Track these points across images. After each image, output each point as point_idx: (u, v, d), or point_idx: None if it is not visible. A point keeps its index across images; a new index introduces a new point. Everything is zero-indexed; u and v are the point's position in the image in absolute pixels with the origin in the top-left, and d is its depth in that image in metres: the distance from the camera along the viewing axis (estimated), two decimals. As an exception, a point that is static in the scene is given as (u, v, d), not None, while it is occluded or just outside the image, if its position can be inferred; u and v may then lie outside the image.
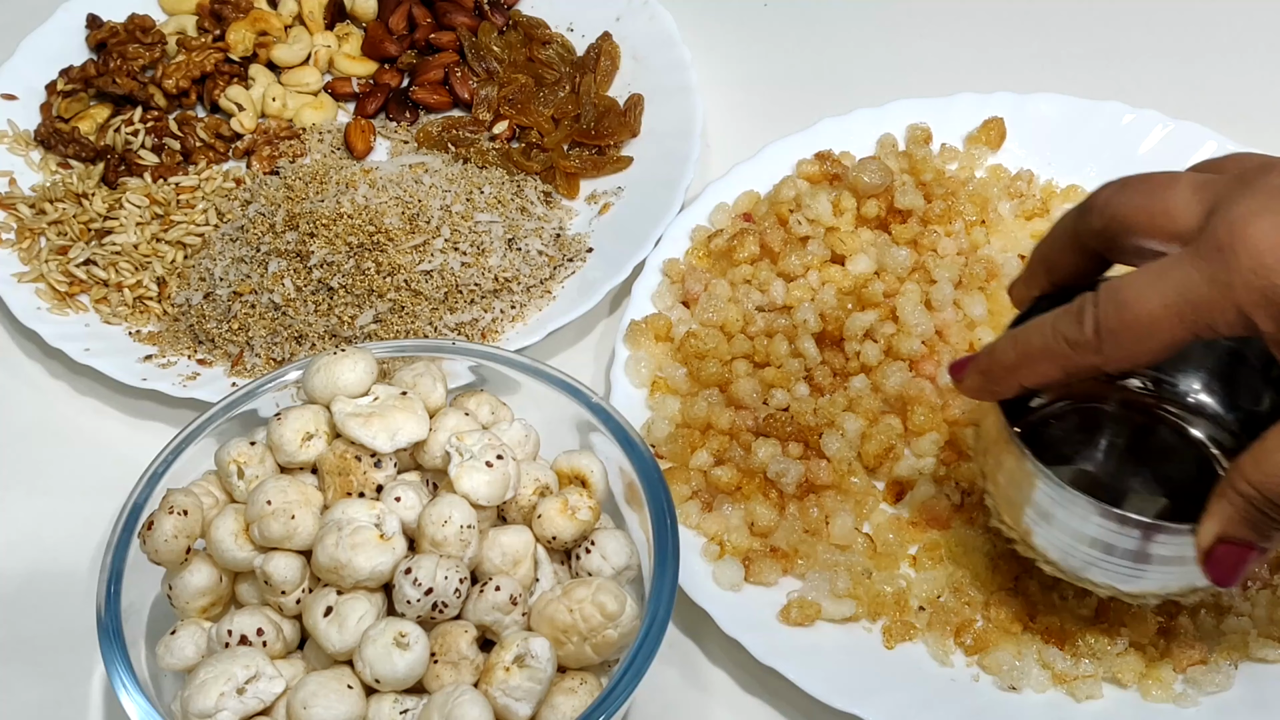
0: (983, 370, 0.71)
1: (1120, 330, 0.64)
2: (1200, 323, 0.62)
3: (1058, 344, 0.66)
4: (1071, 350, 0.66)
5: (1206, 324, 0.62)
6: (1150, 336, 0.63)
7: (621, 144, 1.05)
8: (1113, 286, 0.64)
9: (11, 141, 1.06)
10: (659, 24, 1.09)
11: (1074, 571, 0.73)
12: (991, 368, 0.70)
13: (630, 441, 0.75)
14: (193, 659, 0.70)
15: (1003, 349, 0.70)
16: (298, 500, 0.70)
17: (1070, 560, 0.72)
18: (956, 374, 0.73)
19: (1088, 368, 0.66)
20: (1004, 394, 0.71)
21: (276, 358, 0.93)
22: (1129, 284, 0.64)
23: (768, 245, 0.93)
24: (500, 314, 0.95)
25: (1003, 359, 0.69)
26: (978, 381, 0.71)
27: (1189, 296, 0.62)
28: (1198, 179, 0.65)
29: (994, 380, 0.70)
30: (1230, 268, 0.61)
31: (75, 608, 0.82)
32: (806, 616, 0.78)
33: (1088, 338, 0.65)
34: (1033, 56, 1.11)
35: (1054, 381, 0.68)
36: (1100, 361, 0.65)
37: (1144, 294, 0.63)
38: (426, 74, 1.09)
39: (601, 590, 0.69)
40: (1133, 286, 0.63)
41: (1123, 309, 0.64)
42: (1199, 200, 0.64)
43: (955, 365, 0.73)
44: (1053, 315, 0.67)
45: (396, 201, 0.94)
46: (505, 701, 0.66)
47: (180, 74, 1.08)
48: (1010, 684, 0.76)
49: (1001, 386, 0.70)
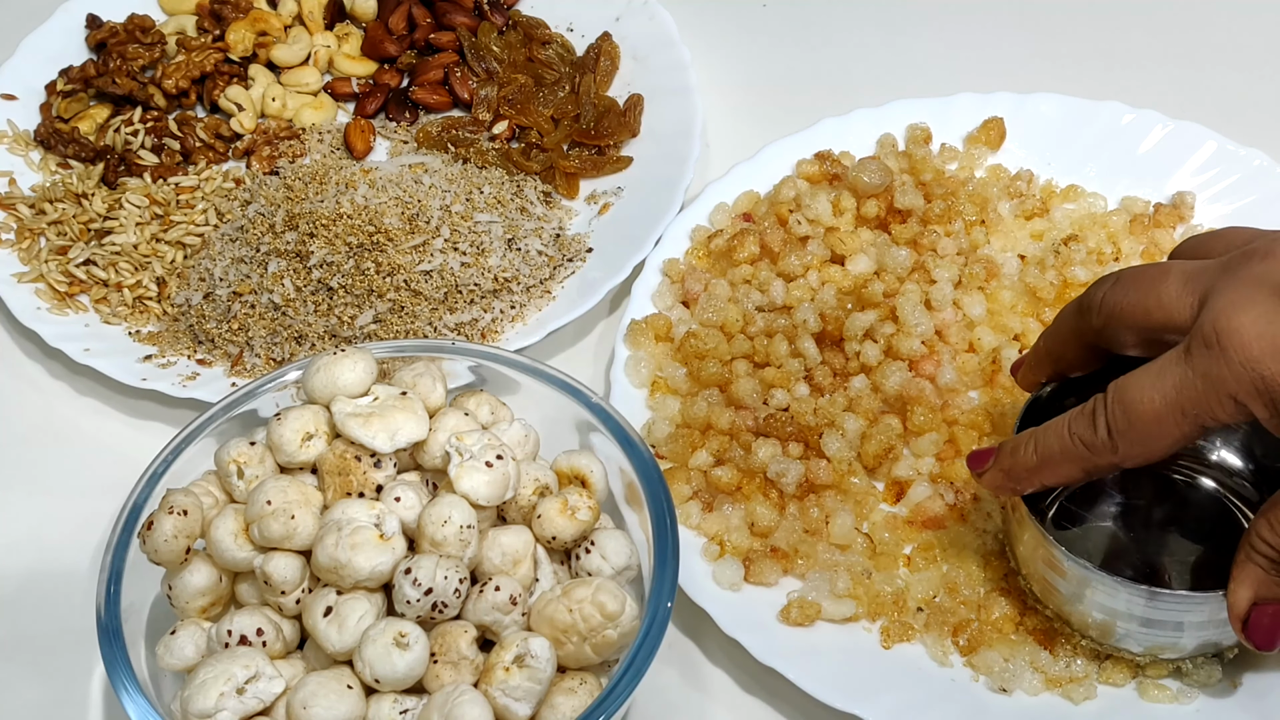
0: (1005, 470, 0.73)
1: (1129, 431, 0.67)
2: (1202, 416, 0.65)
3: (1076, 446, 0.69)
4: (1089, 452, 0.69)
5: (1209, 416, 0.65)
6: (1159, 434, 0.66)
7: (621, 144, 1.05)
8: (1119, 387, 0.67)
9: (11, 141, 1.06)
10: (659, 24, 1.09)
11: (1113, 644, 0.75)
12: (1013, 468, 0.73)
13: (630, 441, 0.75)
14: (192, 659, 0.70)
15: (1024, 451, 0.72)
16: (297, 500, 0.70)
17: (1108, 635, 0.75)
18: (976, 467, 0.75)
19: (1106, 466, 0.69)
20: (1025, 491, 0.73)
21: (276, 358, 0.93)
22: (1133, 385, 0.67)
23: (768, 245, 0.93)
24: (500, 314, 0.95)
25: (1024, 461, 0.72)
26: (999, 479, 0.74)
27: (1187, 394, 0.65)
28: (1187, 269, 0.67)
29: (1016, 480, 0.73)
30: (1220, 362, 0.64)
31: (75, 608, 0.82)
32: (806, 616, 0.78)
33: (1102, 440, 0.68)
34: (1032, 56, 1.11)
35: (1075, 480, 0.72)
36: (1118, 460, 0.68)
37: (1147, 394, 0.66)
38: (426, 74, 1.09)
39: (601, 590, 0.69)
40: (1136, 387, 0.67)
41: (1129, 410, 0.67)
42: (1189, 291, 0.66)
43: (974, 458, 0.75)
44: (1068, 417, 0.70)
45: (396, 202, 0.94)
46: (505, 701, 0.66)
47: (180, 74, 1.08)
48: (1001, 685, 0.76)
49: (1023, 486, 0.73)
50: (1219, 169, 0.97)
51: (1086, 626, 0.75)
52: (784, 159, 1.00)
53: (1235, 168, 0.96)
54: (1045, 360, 0.76)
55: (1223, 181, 0.96)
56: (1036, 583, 0.77)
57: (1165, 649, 0.75)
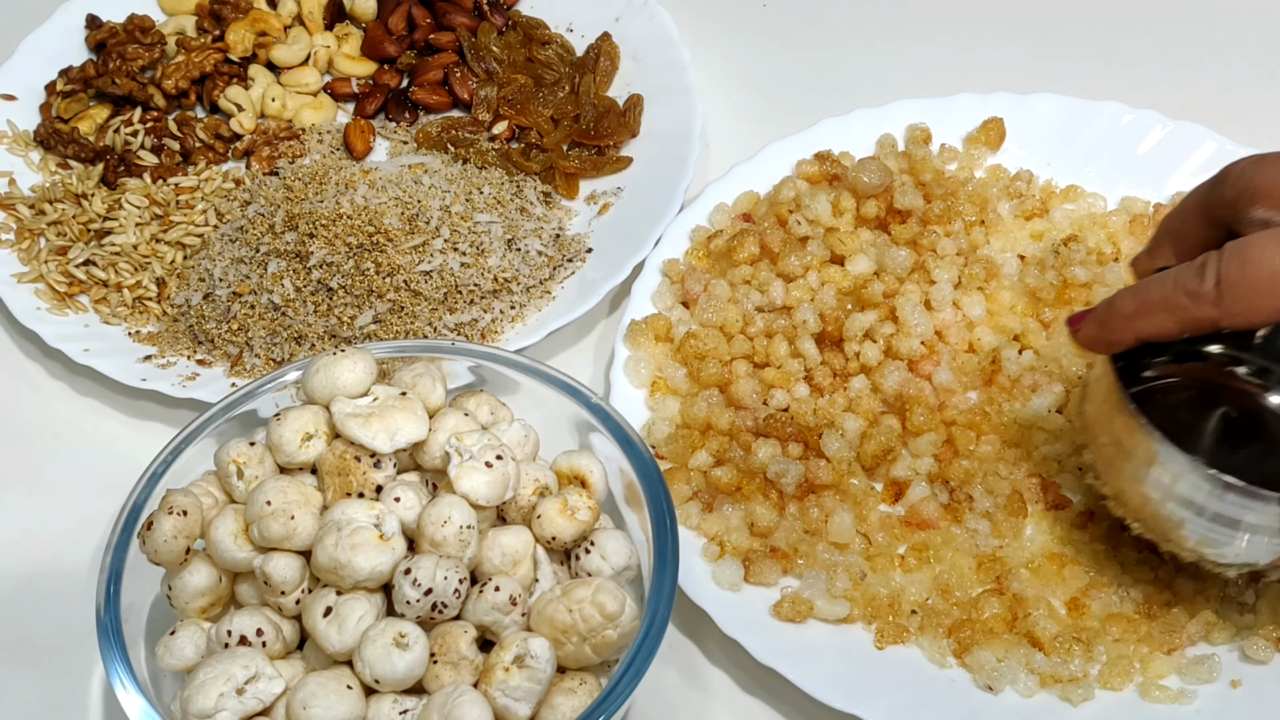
0: (1100, 320, 0.72)
1: (1241, 284, 0.66)
2: None
3: (1177, 296, 0.68)
4: (1190, 302, 0.68)
5: None
6: (1269, 294, 0.65)
7: (621, 144, 1.05)
8: (1239, 244, 0.66)
9: (11, 142, 1.06)
10: (658, 24, 1.09)
11: (1164, 531, 0.74)
12: (1109, 317, 0.72)
13: (630, 442, 0.75)
14: (192, 659, 0.70)
15: (1122, 299, 0.71)
16: (297, 501, 0.70)
17: (1161, 519, 0.73)
18: (1074, 325, 0.74)
19: (1205, 321, 0.68)
20: (1119, 345, 0.72)
21: (276, 358, 0.93)
22: (1255, 242, 0.66)
23: (767, 246, 0.93)
24: (500, 314, 0.95)
25: (1122, 309, 0.71)
26: (1094, 330, 0.73)
27: None
28: None
29: (1110, 330, 0.72)
30: None
31: (75, 608, 0.82)
32: (798, 612, 0.78)
33: (1208, 290, 0.67)
34: (1032, 57, 1.12)
35: (1170, 334, 0.70)
36: (1217, 315, 0.67)
37: (1269, 252, 0.65)
38: (426, 74, 1.09)
39: (601, 590, 0.69)
40: (1258, 244, 0.66)
41: (1246, 265, 0.66)
42: None
43: (1073, 318, 0.75)
44: (1175, 270, 0.69)
45: (396, 202, 0.94)
46: (505, 702, 0.66)
47: (180, 74, 1.08)
48: (987, 684, 0.76)
49: (1117, 336, 0.72)
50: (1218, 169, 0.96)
51: (1143, 508, 0.74)
52: (784, 159, 1.00)
53: (1235, 168, 0.96)
54: (1164, 240, 0.75)
55: (1222, 182, 0.96)
56: (1102, 455, 0.75)
57: (1216, 548, 0.73)
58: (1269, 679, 0.76)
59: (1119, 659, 0.77)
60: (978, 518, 0.82)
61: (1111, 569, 0.81)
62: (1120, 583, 0.80)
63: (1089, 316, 0.74)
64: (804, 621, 0.79)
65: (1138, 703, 0.76)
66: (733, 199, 0.98)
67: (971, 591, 0.80)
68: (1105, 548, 0.81)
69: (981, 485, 0.83)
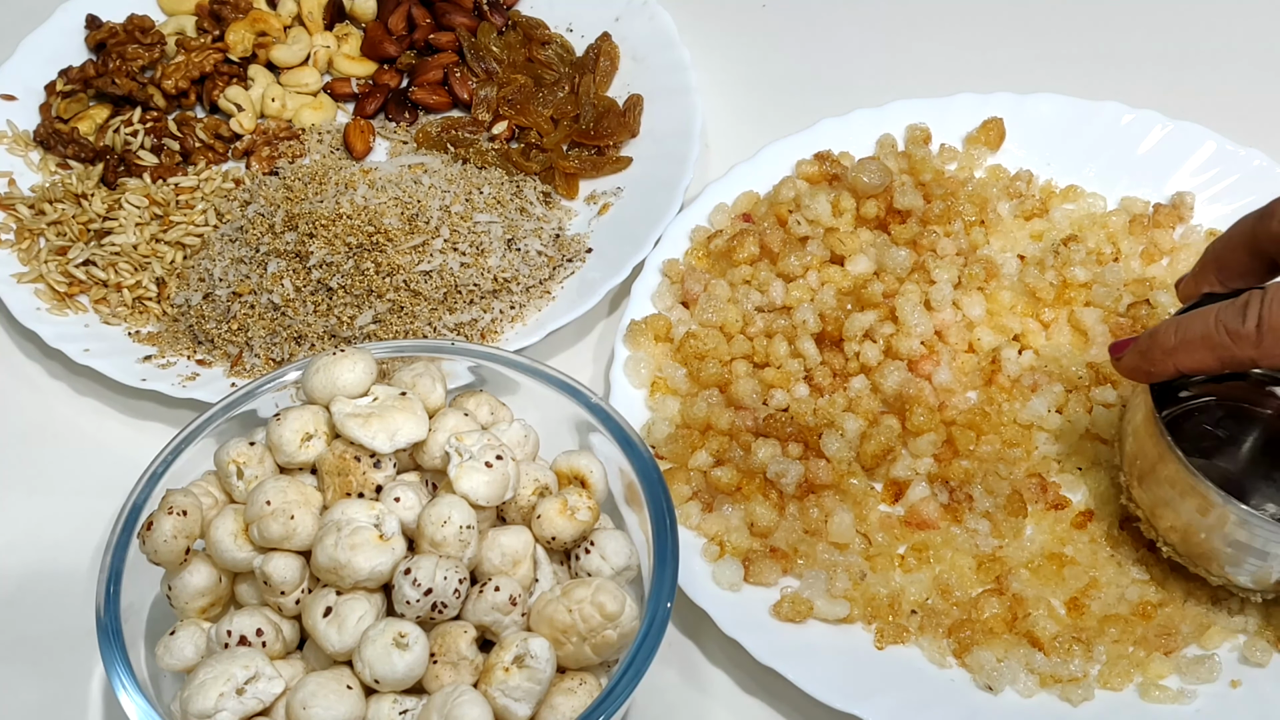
0: (1142, 351, 0.74)
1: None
2: None
3: (1219, 333, 0.70)
4: (1231, 341, 0.69)
5: None
6: None
7: (621, 144, 1.05)
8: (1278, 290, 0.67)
9: (11, 142, 1.06)
10: (658, 24, 1.09)
11: (1193, 557, 0.76)
12: (1151, 349, 0.73)
13: (630, 442, 0.75)
14: (192, 659, 0.70)
15: (1164, 332, 0.73)
16: (297, 501, 0.70)
17: (1192, 545, 0.75)
18: (1116, 353, 0.76)
19: (1244, 360, 0.69)
20: (1159, 376, 0.74)
21: (276, 358, 0.93)
22: None
23: (767, 246, 0.93)
24: (499, 314, 0.95)
25: (1163, 342, 0.73)
26: (1135, 361, 0.75)
27: None
28: None
29: (1151, 361, 0.74)
30: None
31: (75, 608, 0.82)
32: (798, 612, 0.78)
33: (1249, 331, 0.68)
34: (1032, 57, 1.11)
35: (1208, 370, 0.72)
36: (1257, 356, 0.69)
37: None
38: (426, 74, 1.09)
39: (601, 591, 0.69)
40: None
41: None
42: None
43: (1115, 345, 0.77)
44: (1217, 306, 0.70)
45: (395, 202, 0.94)
46: (505, 702, 0.66)
47: (179, 74, 1.08)
48: (987, 684, 0.76)
49: (1158, 368, 0.73)
50: (1218, 169, 0.97)
51: (1172, 532, 0.76)
52: (783, 159, 1.00)
53: (1234, 168, 0.96)
54: (1210, 267, 0.76)
55: (1222, 182, 0.96)
56: (1136, 477, 0.77)
57: (1247, 575, 0.75)
58: (1268, 679, 0.76)
59: (1118, 659, 0.77)
60: (977, 518, 0.82)
61: (1110, 569, 0.81)
62: (1118, 584, 0.80)
63: (1131, 346, 0.75)
64: (804, 621, 0.79)
65: (1137, 703, 0.76)
66: (732, 199, 0.98)
67: (971, 591, 0.80)
68: (1104, 548, 0.82)
69: (981, 485, 0.83)
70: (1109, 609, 0.79)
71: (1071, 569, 0.81)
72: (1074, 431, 0.86)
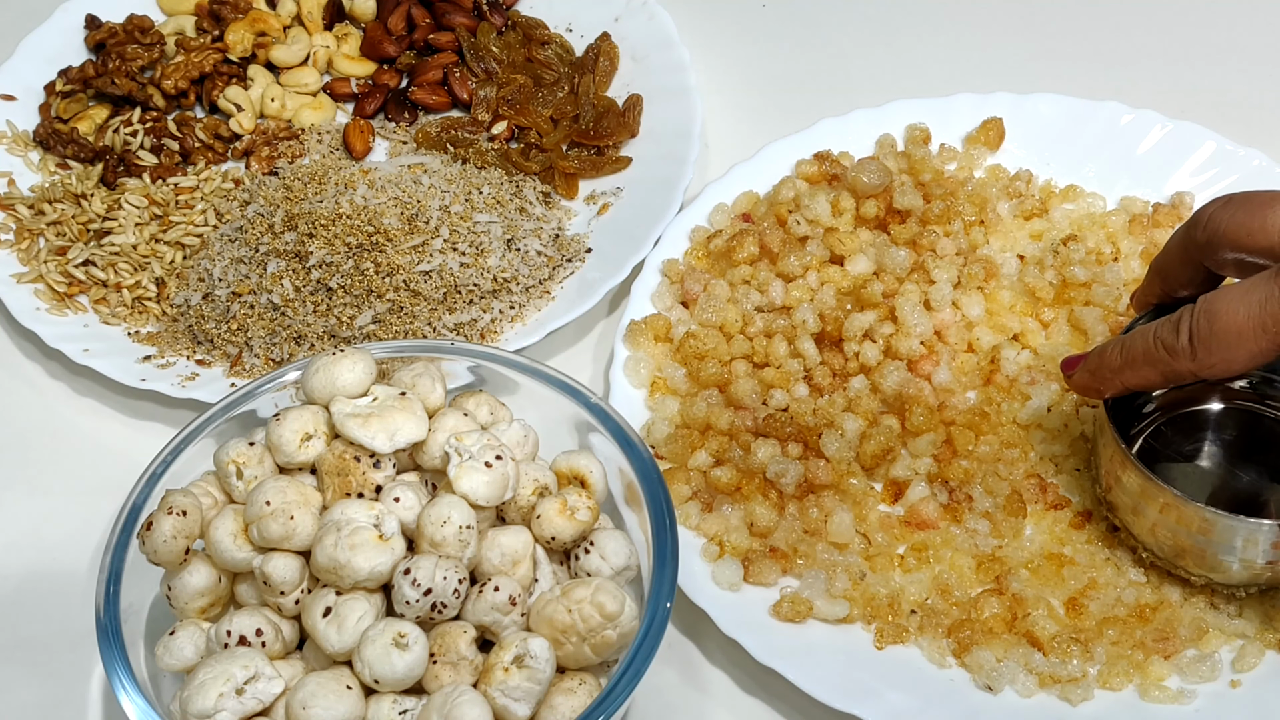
0: (1091, 370, 0.78)
1: (1210, 340, 0.70)
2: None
3: (1157, 350, 0.73)
4: (1169, 356, 0.73)
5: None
6: (1237, 346, 0.70)
7: (620, 144, 1.05)
8: (1207, 299, 0.71)
9: (10, 142, 1.06)
10: (658, 24, 1.09)
11: (1169, 558, 0.79)
12: (1099, 369, 0.77)
13: (629, 442, 0.75)
14: (192, 660, 0.70)
15: (1110, 352, 0.76)
16: (296, 501, 0.70)
17: (1165, 549, 0.78)
18: (1067, 370, 0.80)
19: (1184, 374, 0.73)
20: (1108, 393, 0.77)
21: (275, 358, 0.93)
22: (1220, 298, 0.70)
23: (767, 246, 0.93)
24: (499, 314, 0.95)
25: (1110, 362, 0.76)
26: (1085, 380, 0.78)
27: (1270, 310, 0.68)
28: None
29: (1100, 380, 0.77)
30: None
31: (74, 608, 0.82)
32: (797, 613, 0.78)
33: (1183, 346, 0.72)
34: (1031, 57, 1.11)
35: (1154, 385, 0.76)
36: (1195, 368, 0.72)
37: (1232, 307, 0.69)
38: (425, 74, 1.09)
39: (600, 591, 0.69)
40: (1223, 300, 0.70)
41: (1213, 320, 0.70)
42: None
43: (1067, 362, 0.80)
44: (1155, 324, 0.74)
45: (395, 202, 0.94)
46: (504, 702, 0.66)
47: (179, 74, 1.08)
48: (987, 684, 0.76)
49: (1106, 386, 0.77)
50: (1218, 169, 0.97)
51: (1147, 538, 0.79)
52: (783, 159, 1.00)
53: (1234, 168, 0.96)
54: (1155, 278, 0.79)
55: (1222, 181, 0.96)
56: (1111, 494, 0.80)
57: (1219, 571, 0.77)
58: (1268, 679, 0.76)
59: (1117, 659, 0.77)
60: (977, 517, 0.82)
61: (1108, 570, 0.81)
62: (1115, 584, 0.80)
63: (1081, 364, 0.79)
64: (803, 621, 0.79)
65: (1137, 703, 0.76)
66: (732, 199, 0.98)
67: (971, 591, 0.80)
68: (1102, 549, 0.81)
69: (981, 485, 0.83)
70: (1107, 610, 0.79)
71: (1070, 569, 0.81)
72: (1072, 432, 0.86)
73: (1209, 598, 0.79)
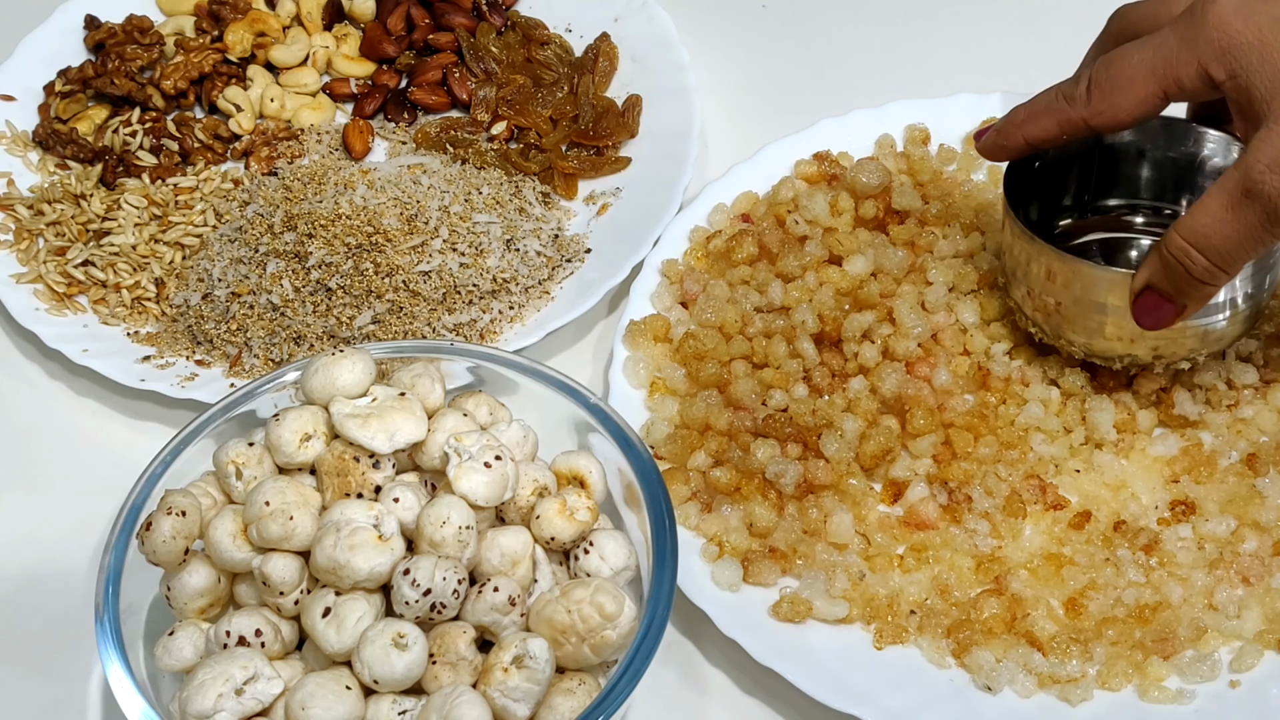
0: (998, 128, 0.83)
1: (1105, 85, 0.77)
2: (1169, 77, 0.75)
3: (1057, 101, 0.79)
4: (1067, 105, 0.78)
5: (1174, 79, 0.75)
6: (1129, 91, 0.76)
7: (620, 145, 1.05)
8: (1109, 54, 0.77)
9: (10, 142, 1.06)
10: (657, 25, 1.09)
11: (1054, 329, 0.85)
12: (1005, 126, 0.82)
13: (629, 442, 0.75)
14: (191, 660, 0.70)
15: (1016, 110, 0.82)
16: (296, 501, 0.70)
17: (1048, 316, 0.84)
18: (977, 139, 0.85)
19: (1078, 120, 0.79)
20: (1012, 151, 0.83)
21: (275, 358, 0.93)
22: (1120, 50, 0.77)
23: (766, 246, 0.93)
24: (498, 315, 0.95)
25: (1014, 118, 0.82)
26: (992, 139, 0.84)
27: (1162, 53, 0.75)
28: None
29: (1004, 136, 0.83)
30: (1197, 26, 0.73)
31: (74, 608, 0.82)
32: (797, 613, 0.78)
33: (1080, 93, 0.78)
34: (1030, 57, 1.11)
35: (1052, 136, 0.80)
36: (1088, 115, 0.78)
37: (1129, 54, 0.76)
38: (425, 75, 1.09)
39: (600, 591, 0.69)
40: (1122, 50, 0.77)
41: (1110, 66, 0.76)
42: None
43: (977, 133, 0.86)
44: (1060, 83, 0.80)
45: (395, 202, 0.94)
46: (504, 702, 0.67)
47: (178, 75, 1.08)
48: (986, 684, 0.76)
49: (1010, 142, 0.82)
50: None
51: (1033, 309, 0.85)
52: (782, 160, 1.00)
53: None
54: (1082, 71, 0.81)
55: (1221, 182, 0.96)
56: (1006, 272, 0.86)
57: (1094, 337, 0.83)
58: (1267, 679, 0.76)
59: (1116, 659, 0.77)
60: (976, 518, 0.82)
61: (1107, 571, 0.81)
62: (1115, 585, 0.80)
63: (989, 129, 0.84)
64: (803, 622, 0.79)
65: (1136, 703, 0.76)
66: (731, 199, 0.98)
67: (970, 592, 0.80)
68: (1101, 550, 0.81)
69: (980, 485, 0.83)
70: (1107, 610, 0.79)
71: (1070, 569, 0.81)
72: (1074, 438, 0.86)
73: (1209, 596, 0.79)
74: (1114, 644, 0.77)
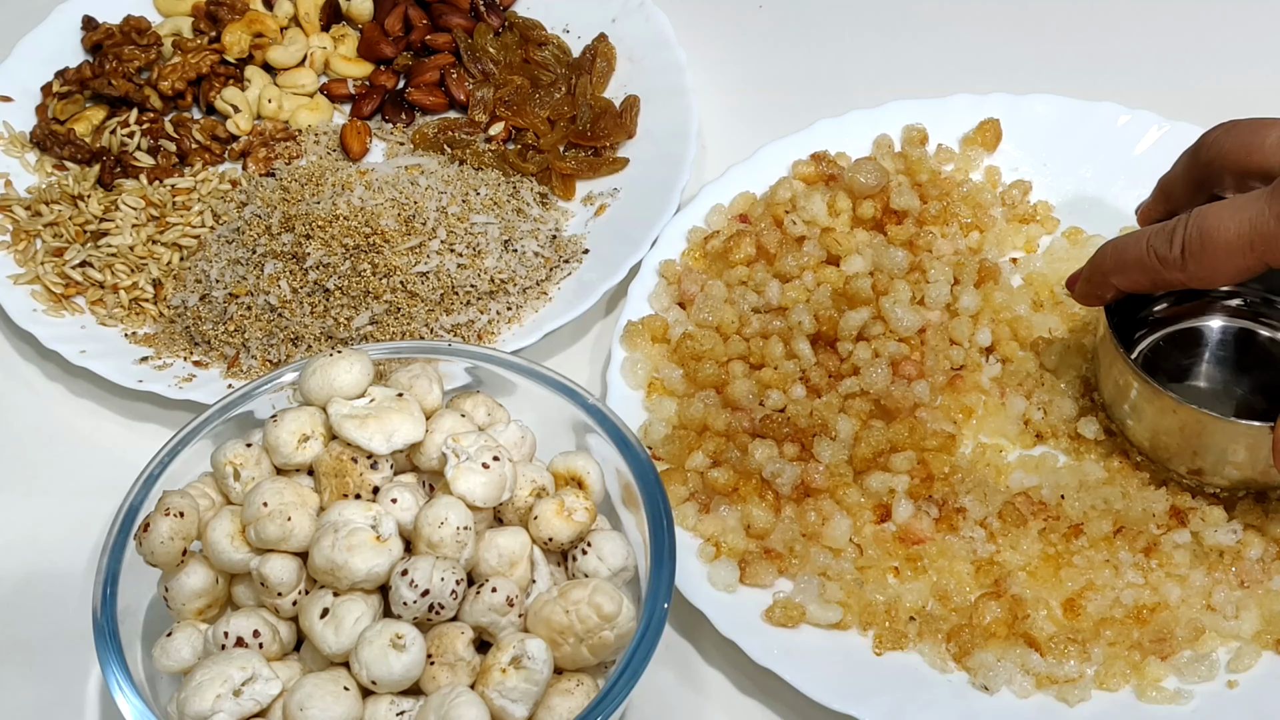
0: (1086, 276, 0.82)
1: (1200, 252, 0.74)
2: (1268, 253, 0.72)
3: (1149, 258, 0.77)
4: (1160, 265, 0.76)
5: (1274, 254, 0.72)
6: (1225, 260, 0.74)
7: (617, 145, 1.05)
8: (1200, 213, 0.74)
9: (7, 143, 1.06)
10: (655, 25, 1.09)
11: (1162, 460, 0.83)
12: (1093, 274, 0.81)
13: (626, 443, 0.75)
14: (189, 661, 0.70)
15: (1104, 256, 0.81)
16: (294, 502, 0.70)
17: (1159, 449, 0.82)
18: (1070, 285, 0.84)
19: (1174, 281, 0.77)
20: (1103, 296, 0.81)
21: (272, 359, 0.93)
22: (1213, 212, 0.74)
23: (764, 246, 0.93)
24: (496, 315, 0.95)
25: (1102, 265, 0.81)
26: (1084, 289, 0.83)
27: (1259, 228, 0.72)
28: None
29: (1096, 286, 0.82)
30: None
31: (71, 609, 0.82)
32: (790, 618, 0.78)
33: (1175, 256, 0.75)
34: (1029, 57, 1.12)
35: (1144, 289, 0.80)
36: (1184, 278, 0.76)
37: (1223, 223, 0.73)
38: (422, 75, 1.09)
39: (598, 591, 0.69)
40: (1215, 215, 0.74)
41: (1204, 234, 0.74)
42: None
43: (1071, 278, 0.85)
44: (1150, 231, 0.77)
45: (392, 203, 0.94)
46: (502, 703, 0.66)
47: (176, 75, 1.08)
48: (983, 684, 0.76)
49: (1100, 289, 0.81)
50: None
51: (1142, 441, 0.83)
52: (780, 160, 1.00)
53: (1231, 168, 0.96)
54: (1159, 195, 0.83)
55: (1219, 182, 0.96)
56: (1107, 396, 0.84)
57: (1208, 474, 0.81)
58: (1265, 680, 0.76)
59: (1114, 660, 0.77)
60: (972, 525, 0.82)
61: (1105, 572, 0.81)
62: (1113, 585, 0.80)
63: (1080, 274, 0.83)
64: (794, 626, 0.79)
65: (1134, 703, 0.76)
66: (729, 200, 0.98)
67: (970, 596, 0.80)
68: (1100, 551, 0.81)
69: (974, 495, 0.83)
70: (1105, 611, 0.79)
71: (1068, 570, 0.81)
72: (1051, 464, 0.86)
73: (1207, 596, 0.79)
74: (1112, 644, 0.77)
